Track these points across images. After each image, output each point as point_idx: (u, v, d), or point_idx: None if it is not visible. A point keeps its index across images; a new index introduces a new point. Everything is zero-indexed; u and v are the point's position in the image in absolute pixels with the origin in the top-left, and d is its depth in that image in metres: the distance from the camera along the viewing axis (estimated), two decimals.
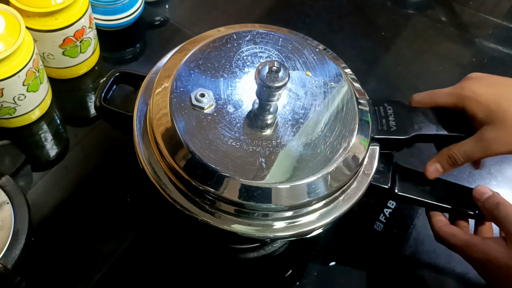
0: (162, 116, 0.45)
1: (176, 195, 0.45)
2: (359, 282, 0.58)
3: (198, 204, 0.45)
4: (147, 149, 0.47)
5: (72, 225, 0.58)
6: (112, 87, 0.55)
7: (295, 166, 0.44)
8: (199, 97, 0.45)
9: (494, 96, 0.50)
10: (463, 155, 0.52)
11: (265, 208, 0.44)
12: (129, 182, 0.62)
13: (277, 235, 0.45)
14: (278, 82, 0.42)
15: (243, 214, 0.44)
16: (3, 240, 0.53)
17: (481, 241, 0.49)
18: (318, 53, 0.52)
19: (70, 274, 0.55)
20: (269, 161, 0.44)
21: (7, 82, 0.57)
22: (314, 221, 0.46)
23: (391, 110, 0.53)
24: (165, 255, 0.57)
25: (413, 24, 0.84)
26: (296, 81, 0.49)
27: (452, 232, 0.52)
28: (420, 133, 0.52)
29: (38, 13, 0.60)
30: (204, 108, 0.45)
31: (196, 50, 0.49)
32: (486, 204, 0.51)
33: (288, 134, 0.46)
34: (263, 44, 0.51)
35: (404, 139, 0.52)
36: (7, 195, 0.56)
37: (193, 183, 0.44)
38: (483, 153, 0.51)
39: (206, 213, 0.45)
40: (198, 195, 0.45)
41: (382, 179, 0.52)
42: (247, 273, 0.58)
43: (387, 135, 0.51)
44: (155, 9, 0.81)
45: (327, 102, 0.48)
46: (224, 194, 0.43)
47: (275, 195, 0.43)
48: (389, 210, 0.62)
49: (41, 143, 0.65)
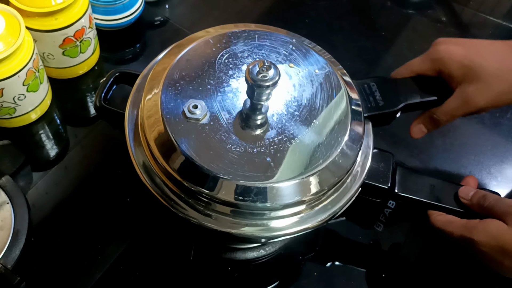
0: (161, 137, 0.45)
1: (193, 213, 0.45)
2: (359, 282, 0.58)
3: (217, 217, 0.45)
4: (142, 155, 0.47)
5: (72, 225, 0.58)
6: (112, 87, 0.55)
7: (304, 158, 0.44)
8: (192, 109, 0.45)
9: (465, 52, 0.53)
10: (444, 114, 0.54)
11: (285, 204, 0.44)
12: (129, 182, 0.62)
13: (291, 230, 0.45)
14: (270, 81, 0.42)
15: (254, 215, 0.45)
16: (3, 240, 0.53)
17: (480, 223, 0.49)
18: (297, 45, 0.52)
19: (70, 274, 0.55)
20: (276, 159, 0.44)
21: (7, 82, 0.57)
22: (329, 207, 0.47)
23: (375, 86, 0.54)
24: (165, 255, 0.57)
25: (413, 24, 0.84)
26: (281, 75, 0.49)
27: (448, 220, 0.52)
28: (407, 102, 0.54)
29: (38, 13, 0.60)
30: (199, 119, 0.45)
31: (182, 55, 0.49)
32: (474, 199, 0.52)
33: (287, 129, 0.46)
34: (242, 44, 0.51)
35: (393, 111, 0.53)
36: (7, 195, 0.56)
37: (210, 199, 0.44)
38: (464, 109, 0.53)
39: (224, 225, 0.45)
40: (214, 210, 0.45)
41: (382, 179, 0.52)
42: (247, 273, 0.58)
43: (377, 111, 0.53)
44: (155, 9, 0.81)
45: (316, 90, 0.49)
46: (240, 202, 0.43)
47: (290, 191, 0.43)
48: (389, 210, 0.62)
49: (41, 143, 0.65)
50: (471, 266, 0.54)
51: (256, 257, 0.58)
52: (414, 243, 0.60)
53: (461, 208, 0.53)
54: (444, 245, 0.58)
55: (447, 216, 0.52)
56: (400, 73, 0.57)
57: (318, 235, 0.60)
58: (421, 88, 0.55)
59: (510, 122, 0.72)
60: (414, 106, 0.55)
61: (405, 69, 0.57)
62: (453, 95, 0.53)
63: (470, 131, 0.71)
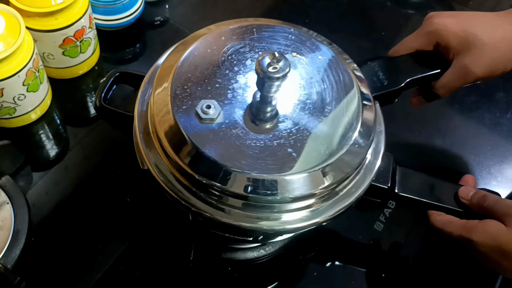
0: (173, 134, 0.44)
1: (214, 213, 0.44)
2: (359, 282, 0.58)
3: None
4: (151, 151, 0.47)
5: (72, 225, 0.58)
6: (112, 87, 0.55)
7: (325, 145, 0.44)
8: (205, 109, 0.44)
9: (459, 23, 0.54)
10: (443, 87, 0.55)
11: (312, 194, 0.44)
12: (129, 182, 0.62)
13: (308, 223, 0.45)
14: (281, 72, 0.41)
15: (268, 208, 0.44)
16: (3, 240, 0.53)
17: (479, 223, 0.49)
18: (296, 33, 0.51)
19: (70, 274, 0.55)
20: (297, 149, 0.43)
21: (7, 82, 0.57)
22: (354, 191, 0.47)
23: (377, 66, 0.55)
24: (165, 255, 0.57)
25: (413, 24, 0.84)
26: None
27: (448, 220, 0.52)
28: (411, 78, 0.54)
29: (38, 13, 0.60)
30: (214, 119, 0.44)
31: (188, 52, 0.49)
32: (473, 199, 0.51)
33: (302, 118, 0.45)
34: (240, 39, 0.50)
35: (398, 89, 0.54)
36: (7, 195, 0.56)
37: (224, 192, 0.43)
38: (462, 80, 0.54)
39: (238, 219, 0.44)
40: (229, 205, 0.44)
41: (382, 179, 0.52)
42: (247, 273, 0.58)
43: (383, 90, 0.53)
44: (155, 9, 0.81)
45: (323, 76, 0.48)
46: (255, 195, 0.42)
47: (315, 179, 0.43)
48: (389, 210, 0.62)
49: (41, 143, 0.65)
50: (471, 266, 0.54)
51: (256, 257, 0.58)
52: (414, 243, 0.60)
53: (460, 208, 0.53)
54: (444, 245, 0.58)
55: (447, 216, 0.52)
56: (397, 50, 0.57)
57: (318, 235, 0.60)
58: (421, 64, 0.55)
59: (510, 122, 0.72)
60: (417, 81, 0.55)
61: (402, 46, 0.57)
62: (451, 67, 0.54)
63: (470, 131, 0.71)
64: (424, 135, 0.69)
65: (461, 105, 0.73)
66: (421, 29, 0.56)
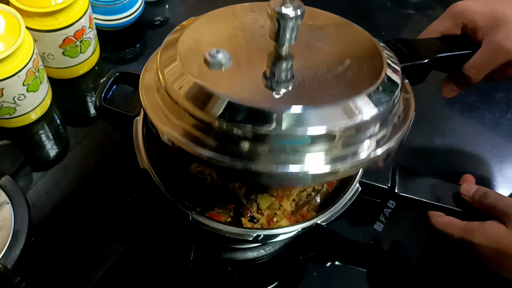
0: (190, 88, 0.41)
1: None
2: (359, 282, 0.58)
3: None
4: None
5: (72, 225, 0.58)
6: (112, 87, 0.55)
7: (345, 82, 0.41)
8: (214, 53, 0.41)
9: (484, 3, 0.53)
10: (474, 66, 0.53)
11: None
12: (129, 182, 0.62)
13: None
14: (297, 9, 0.38)
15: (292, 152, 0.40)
16: (3, 240, 0.53)
17: (479, 225, 0.49)
18: (310, 10, 0.48)
19: (70, 274, 0.55)
20: (321, 84, 0.41)
21: (7, 82, 0.57)
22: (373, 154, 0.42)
23: (400, 45, 0.52)
24: (165, 255, 0.57)
25: (413, 24, 0.84)
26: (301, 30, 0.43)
27: (448, 221, 0.52)
28: (440, 55, 0.52)
29: (38, 13, 0.60)
30: (222, 64, 0.41)
31: (193, 24, 0.48)
32: (475, 196, 0.51)
33: (320, 65, 0.43)
34: (248, 11, 0.49)
35: (426, 63, 0.51)
36: (7, 195, 0.56)
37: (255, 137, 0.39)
38: (495, 58, 0.52)
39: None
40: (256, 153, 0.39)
41: (382, 179, 0.52)
42: (247, 273, 0.58)
43: (410, 62, 0.50)
44: (155, 9, 0.81)
45: (343, 39, 0.47)
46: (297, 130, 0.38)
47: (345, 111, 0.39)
48: (389, 210, 0.62)
49: (41, 143, 0.65)
50: (471, 266, 0.54)
51: (256, 257, 0.58)
52: (414, 243, 0.60)
53: (460, 208, 0.53)
54: (444, 245, 0.58)
55: (447, 218, 0.52)
56: (423, 36, 0.56)
57: (318, 235, 0.60)
58: (449, 45, 0.53)
59: (510, 122, 0.72)
60: (446, 60, 0.53)
61: (427, 31, 0.55)
62: (482, 46, 0.52)
63: (470, 131, 0.71)
64: (424, 135, 0.69)
65: (461, 105, 0.73)
66: (446, 12, 0.55)
